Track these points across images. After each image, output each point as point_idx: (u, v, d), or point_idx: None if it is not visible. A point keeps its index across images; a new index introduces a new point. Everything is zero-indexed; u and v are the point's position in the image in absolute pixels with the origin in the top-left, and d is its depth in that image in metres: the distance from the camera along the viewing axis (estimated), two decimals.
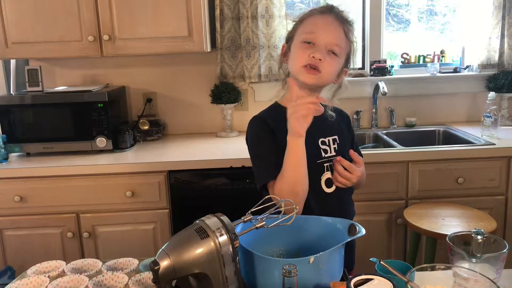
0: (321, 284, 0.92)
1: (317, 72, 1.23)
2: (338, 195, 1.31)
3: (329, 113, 1.37)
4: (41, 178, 2.10)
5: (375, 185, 2.14)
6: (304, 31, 1.26)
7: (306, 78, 1.24)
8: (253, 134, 1.32)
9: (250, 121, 1.34)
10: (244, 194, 2.10)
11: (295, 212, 0.94)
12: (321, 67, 1.22)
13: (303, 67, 1.23)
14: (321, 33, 1.23)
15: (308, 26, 1.26)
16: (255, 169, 1.31)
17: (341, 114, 1.44)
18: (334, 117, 1.37)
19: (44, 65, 2.53)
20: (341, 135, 1.36)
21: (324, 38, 1.22)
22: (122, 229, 2.15)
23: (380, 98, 2.66)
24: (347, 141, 1.39)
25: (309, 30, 1.24)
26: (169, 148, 2.42)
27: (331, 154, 1.31)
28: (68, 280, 1.06)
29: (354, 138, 1.46)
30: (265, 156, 1.27)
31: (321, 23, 1.24)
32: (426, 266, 0.90)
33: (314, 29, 1.24)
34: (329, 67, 1.24)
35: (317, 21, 1.25)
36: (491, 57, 2.59)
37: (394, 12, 2.88)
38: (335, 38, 1.24)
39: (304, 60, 1.23)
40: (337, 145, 1.33)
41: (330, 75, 1.26)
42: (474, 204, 2.08)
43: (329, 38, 1.23)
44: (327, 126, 1.34)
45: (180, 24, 2.25)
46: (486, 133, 2.33)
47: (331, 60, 1.24)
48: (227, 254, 0.85)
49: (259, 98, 2.64)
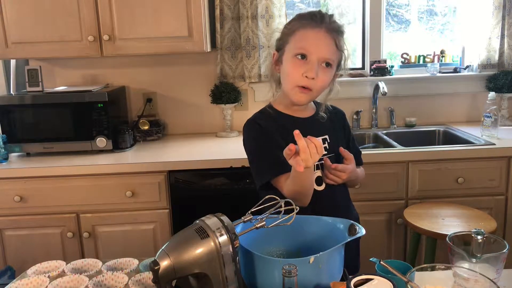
0: (321, 284, 0.92)
1: (308, 90, 1.25)
2: (329, 193, 1.32)
3: (321, 114, 1.38)
4: (41, 178, 2.09)
5: (375, 185, 2.14)
6: (295, 46, 1.26)
7: (299, 98, 1.27)
8: (249, 137, 1.34)
9: (244, 125, 1.36)
10: (244, 194, 2.10)
11: (295, 212, 0.94)
12: (313, 86, 1.25)
13: (296, 87, 1.25)
14: (313, 49, 1.23)
15: (299, 41, 1.26)
16: (255, 169, 1.32)
17: (335, 111, 1.45)
18: (325, 119, 1.38)
19: (44, 65, 2.53)
20: (332, 134, 1.37)
21: (316, 54, 1.23)
22: (122, 229, 2.15)
23: (380, 98, 2.66)
24: (340, 140, 1.40)
25: (301, 45, 1.25)
26: (169, 148, 2.42)
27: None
28: (68, 280, 1.06)
29: (351, 134, 1.46)
30: (264, 155, 1.29)
31: (313, 38, 1.25)
32: (426, 266, 0.90)
33: (305, 45, 1.24)
34: (322, 83, 1.26)
35: (308, 36, 1.25)
36: (491, 57, 2.59)
37: (394, 12, 2.88)
38: (327, 53, 1.24)
39: (297, 79, 1.24)
40: (327, 144, 1.35)
41: (322, 88, 1.29)
42: (474, 204, 2.08)
43: (321, 54, 1.24)
44: (318, 126, 1.36)
45: (180, 24, 2.25)
46: (486, 133, 2.33)
47: (323, 74, 1.25)
48: (227, 254, 0.85)
49: (259, 98, 2.64)
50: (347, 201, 1.43)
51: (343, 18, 2.83)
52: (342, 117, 1.46)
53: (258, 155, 1.31)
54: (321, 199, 1.30)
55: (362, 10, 2.72)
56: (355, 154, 1.42)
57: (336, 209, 1.31)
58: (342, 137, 1.42)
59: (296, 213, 0.94)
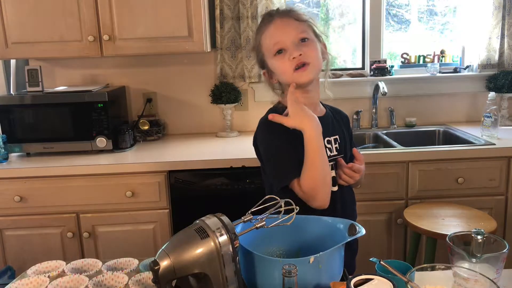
0: (321, 284, 0.92)
1: (306, 66, 1.25)
2: (341, 194, 1.33)
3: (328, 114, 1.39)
4: (41, 178, 2.09)
5: (375, 185, 2.14)
6: (268, 48, 1.28)
7: (302, 77, 1.26)
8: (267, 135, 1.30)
9: (261, 123, 1.33)
10: (244, 194, 2.10)
11: (295, 212, 0.94)
12: (305, 59, 1.24)
13: (293, 72, 1.25)
14: (282, 36, 1.25)
15: (267, 42, 1.28)
16: (273, 170, 1.28)
17: (340, 114, 1.46)
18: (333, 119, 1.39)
19: (44, 65, 2.53)
20: (341, 134, 1.38)
21: (287, 38, 1.25)
22: (122, 229, 2.15)
23: (380, 98, 2.66)
24: (347, 141, 1.41)
25: (271, 43, 1.27)
26: (169, 148, 2.42)
27: (333, 154, 1.33)
28: (68, 280, 1.06)
29: (352, 138, 1.47)
30: (284, 155, 1.25)
31: (274, 30, 1.27)
32: (426, 266, 0.90)
33: (273, 39, 1.26)
34: (312, 52, 1.26)
35: (270, 32, 1.27)
36: (491, 57, 2.59)
37: (394, 12, 2.88)
38: (294, 30, 1.26)
39: (289, 66, 1.25)
40: (338, 144, 1.35)
41: (317, 58, 1.28)
42: (474, 204, 2.08)
43: (290, 35, 1.25)
44: (330, 126, 1.35)
45: (180, 24, 2.25)
46: (486, 133, 2.33)
47: (308, 47, 1.26)
48: (227, 254, 0.85)
49: (259, 98, 2.64)
50: (353, 203, 1.43)
51: (343, 18, 2.83)
52: (346, 120, 1.47)
53: (279, 154, 1.26)
54: (334, 199, 1.28)
55: (362, 10, 2.72)
56: None
57: (346, 210, 1.32)
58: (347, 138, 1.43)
59: (296, 213, 0.94)
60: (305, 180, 1.20)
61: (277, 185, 1.25)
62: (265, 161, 1.31)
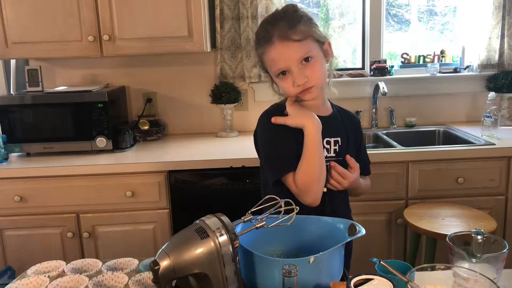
0: (321, 284, 0.92)
1: (309, 89, 1.25)
2: (330, 195, 1.31)
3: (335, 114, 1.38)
4: (41, 178, 2.09)
5: (375, 185, 2.11)
6: (271, 69, 1.28)
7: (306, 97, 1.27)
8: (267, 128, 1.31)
9: (262, 116, 1.34)
10: (244, 194, 2.10)
11: (295, 212, 0.94)
12: (309, 83, 1.24)
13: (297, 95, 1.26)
14: (284, 62, 1.23)
15: (270, 65, 1.27)
16: (270, 162, 1.30)
17: (351, 117, 1.44)
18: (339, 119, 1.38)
19: (44, 65, 2.53)
20: (344, 138, 1.35)
21: (290, 62, 1.22)
22: (122, 229, 2.15)
23: (380, 98, 2.66)
24: (351, 145, 1.38)
25: (274, 68, 1.25)
26: (169, 148, 2.42)
27: (330, 155, 1.32)
28: (68, 280, 1.06)
29: (363, 142, 1.45)
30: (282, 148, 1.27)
31: (275, 54, 1.23)
32: (426, 266, 0.90)
33: (276, 64, 1.25)
34: (316, 73, 1.24)
35: (272, 56, 1.24)
36: (491, 57, 2.59)
37: (394, 12, 2.88)
38: (295, 53, 1.22)
39: (293, 91, 1.25)
40: (338, 147, 1.33)
41: (321, 77, 1.27)
42: (474, 204, 2.08)
43: (293, 60, 1.22)
44: (332, 127, 1.34)
45: (180, 24, 2.25)
46: (486, 133, 2.33)
47: (311, 68, 1.23)
48: (227, 254, 0.85)
49: (259, 98, 2.64)
50: (345, 209, 1.42)
51: (343, 18, 2.83)
52: (357, 123, 1.45)
53: (277, 147, 1.28)
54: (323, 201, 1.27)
55: (362, 10, 2.72)
56: (364, 163, 1.42)
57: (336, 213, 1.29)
58: (353, 144, 1.39)
59: (296, 213, 0.94)
60: (300, 174, 1.21)
61: (272, 177, 1.27)
62: (263, 153, 1.33)
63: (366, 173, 1.45)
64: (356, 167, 1.32)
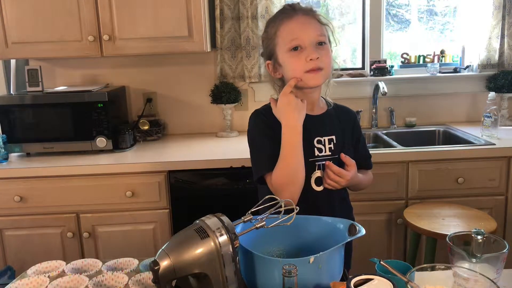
0: (321, 284, 0.92)
1: (320, 70, 1.24)
2: (327, 194, 1.31)
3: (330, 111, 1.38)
4: (41, 178, 2.10)
5: (375, 185, 2.10)
6: (285, 42, 1.26)
7: (312, 80, 1.25)
8: (253, 127, 1.35)
9: (251, 114, 1.36)
10: (244, 194, 2.10)
11: (295, 212, 0.94)
12: (321, 64, 1.24)
13: (305, 73, 1.24)
14: (302, 34, 1.24)
15: (286, 35, 1.26)
16: (253, 161, 1.33)
17: (347, 113, 1.43)
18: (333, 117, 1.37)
19: (44, 65, 2.53)
20: (339, 135, 1.34)
21: (308, 37, 1.24)
22: (122, 229, 2.15)
23: (380, 98, 2.66)
24: (348, 141, 1.37)
25: (290, 37, 1.25)
26: (169, 148, 2.42)
27: (326, 154, 1.31)
28: (68, 280, 1.06)
29: (361, 136, 1.43)
30: (263, 148, 1.29)
31: (296, 26, 1.26)
32: (426, 266, 0.90)
33: (294, 34, 1.25)
34: (327, 59, 1.26)
35: (292, 27, 1.26)
36: (491, 57, 2.59)
37: (394, 12, 2.88)
38: (315, 30, 1.25)
39: (303, 66, 1.24)
40: (333, 145, 1.32)
41: (330, 65, 1.29)
42: (474, 204, 2.08)
43: (312, 35, 1.24)
44: (326, 125, 1.34)
45: (180, 24, 2.25)
46: (486, 133, 2.33)
47: (325, 51, 1.26)
48: (227, 254, 0.85)
49: (259, 98, 2.64)
50: (345, 208, 1.41)
51: (343, 18, 2.83)
52: (353, 117, 1.44)
53: (259, 147, 1.31)
54: (317, 200, 1.29)
55: (362, 10, 2.72)
56: (364, 158, 1.41)
57: (332, 211, 1.30)
58: (350, 139, 1.38)
59: (296, 213, 0.94)
60: (276, 174, 1.23)
61: (254, 175, 1.30)
62: (250, 152, 1.35)
63: (367, 167, 1.44)
64: (353, 164, 1.31)
